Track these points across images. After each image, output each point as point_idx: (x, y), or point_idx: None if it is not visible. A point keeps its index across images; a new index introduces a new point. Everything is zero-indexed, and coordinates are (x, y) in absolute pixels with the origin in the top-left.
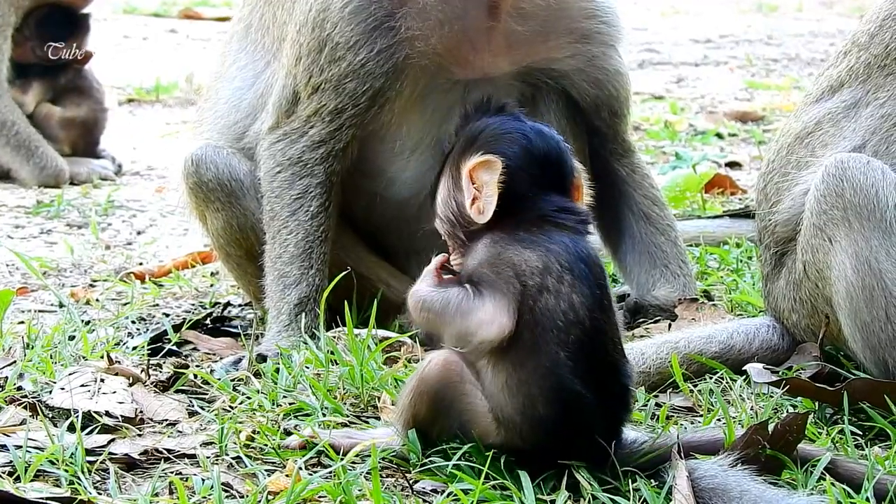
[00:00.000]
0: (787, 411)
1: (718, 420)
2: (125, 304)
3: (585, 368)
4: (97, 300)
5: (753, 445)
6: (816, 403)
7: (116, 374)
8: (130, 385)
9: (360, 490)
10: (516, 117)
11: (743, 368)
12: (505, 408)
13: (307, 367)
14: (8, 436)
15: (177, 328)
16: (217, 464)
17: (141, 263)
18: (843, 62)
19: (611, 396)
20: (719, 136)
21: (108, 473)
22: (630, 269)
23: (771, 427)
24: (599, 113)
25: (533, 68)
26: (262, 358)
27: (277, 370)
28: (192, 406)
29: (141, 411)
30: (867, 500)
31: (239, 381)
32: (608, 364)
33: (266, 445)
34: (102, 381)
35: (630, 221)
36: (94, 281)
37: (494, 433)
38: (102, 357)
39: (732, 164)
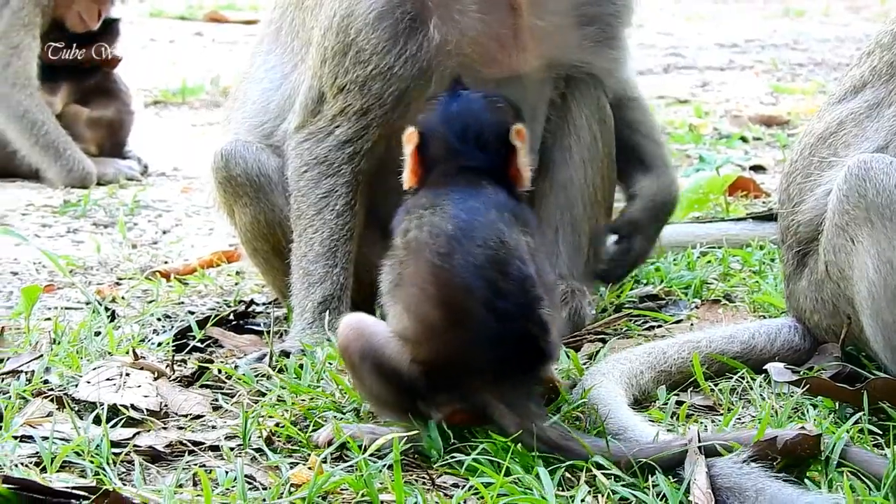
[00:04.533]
0: (808, 411)
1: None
2: (150, 302)
3: (467, 266)
4: (123, 298)
5: (763, 459)
6: (837, 403)
7: (142, 369)
8: (155, 379)
9: (381, 483)
10: (458, 88)
11: (763, 368)
12: (406, 325)
13: (330, 364)
14: (35, 427)
15: (201, 325)
16: (240, 456)
17: (166, 262)
18: (866, 62)
19: (507, 292)
20: (744, 139)
21: (133, 465)
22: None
23: (786, 432)
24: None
25: (561, 62)
26: (286, 354)
27: (301, 366)
28: (217, 400)
29: (166, 405)
30: (887, 497)
31: (262, 376)
32: (495, 263)
33: (289, 439)
34: (128, 375)
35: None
36: (120, 279)
37: (405, 352)
38: (128, 352)
39: (757, 168)
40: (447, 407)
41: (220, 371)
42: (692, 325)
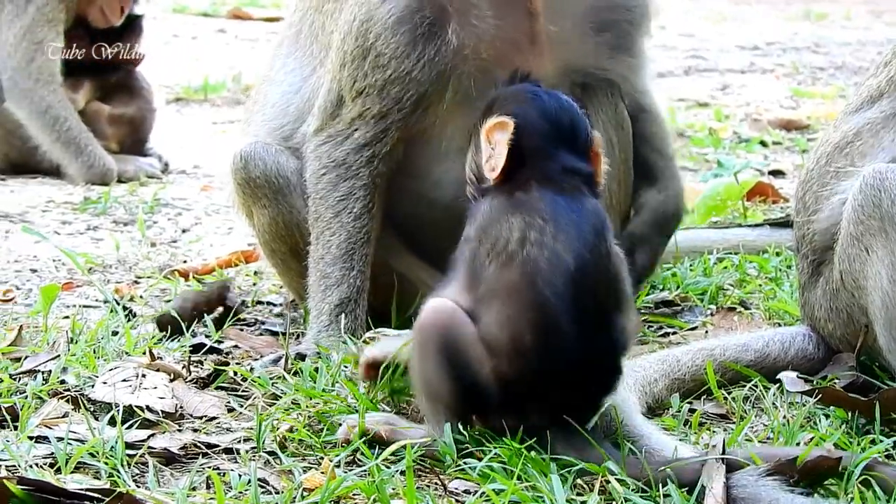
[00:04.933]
0: (820, 420)
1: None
2: (168, 301)
3: (573, 309)
4: (141, 297)
5: (781, 474)
6: (849, 413)
7: (158, 370)
8: (171, 381)
9: (393, 489)
10: (533, 83)
11: (777, 377)
12: (497, 338)
13: (345, 367)
14: (50, 428)
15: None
16: (254, 460)
17: (185, 261)
18: (883, 72)
19: (597, 346)
20: (763, 143)
21: (148, 467)
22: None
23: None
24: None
25: (578, 68)
26: (302, 357)
27: (316, 369)
28: (231, 403)
29: (181, 407)
30: None
31: (278, 378)
32: (596, 311)
33: (302, 442)
34: (144, 376)
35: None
36: (139, 278)
37: (486, 361)
38: (144, 353)
39: (776, 173)
40: (508, 420)
41: (235, 373)
42: (707, 332)
